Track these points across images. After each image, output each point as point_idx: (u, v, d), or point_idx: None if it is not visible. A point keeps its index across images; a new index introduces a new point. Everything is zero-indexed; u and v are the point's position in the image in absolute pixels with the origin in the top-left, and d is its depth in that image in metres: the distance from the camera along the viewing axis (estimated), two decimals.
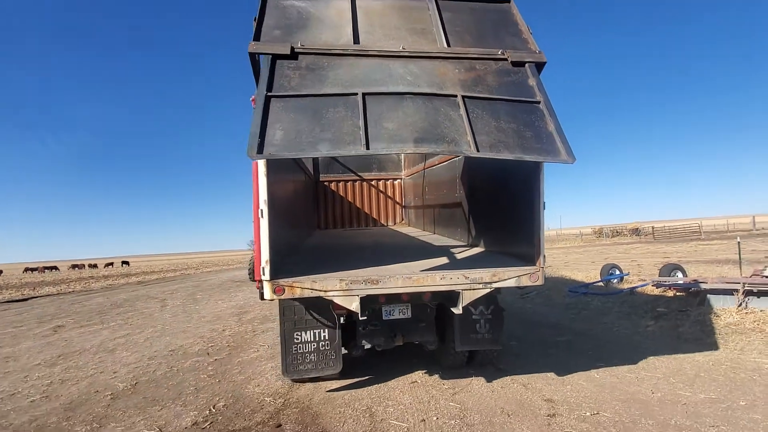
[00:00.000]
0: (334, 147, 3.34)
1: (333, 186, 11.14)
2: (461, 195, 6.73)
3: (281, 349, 4.66)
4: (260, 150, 3.17)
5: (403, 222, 11.61)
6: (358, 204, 11.36)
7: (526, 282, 4.09)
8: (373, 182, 11.45)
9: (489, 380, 4.97)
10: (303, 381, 5.14)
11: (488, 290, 4.01)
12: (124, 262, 68.83)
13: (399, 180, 11.62)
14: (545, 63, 4.40)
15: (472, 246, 6.35)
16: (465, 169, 6.64)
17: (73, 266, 63.84)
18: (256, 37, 3.99)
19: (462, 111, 3.71)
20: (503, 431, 3.77)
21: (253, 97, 4.24)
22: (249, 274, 7.82)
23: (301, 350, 4.63)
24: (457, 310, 4.05)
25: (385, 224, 11.60)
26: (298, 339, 4.62)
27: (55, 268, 60.29)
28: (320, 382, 5.11)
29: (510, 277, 4.04)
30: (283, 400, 4.71)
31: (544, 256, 4.16)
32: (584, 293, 10.44)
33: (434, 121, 3.61)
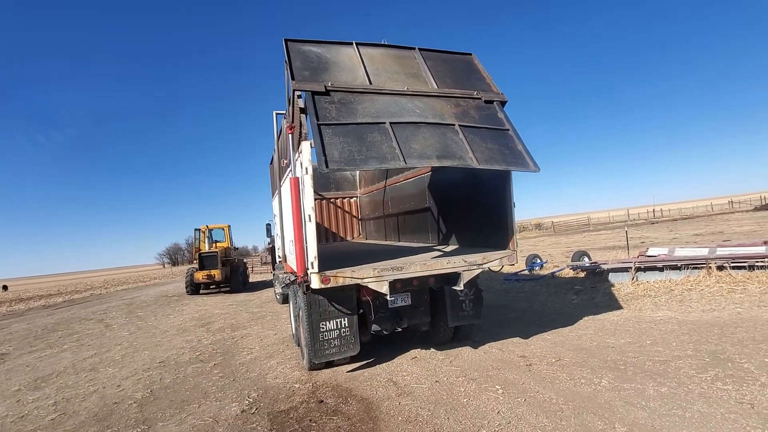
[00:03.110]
0: (381, 162, 4.32)
1: None
2: (431, 203, 7.96)
3: (309, 338, 5.41)
4: (327, 165, 4.04)
5: (360, 236, 12.55)
6: (318, 219, 12.10)
7: (506, 262, 5.41)
8: (332, 200, 12.26)
9: (473, 348, 6.23)
10: (319, 368, 5.90)
11: (481, 270, 5.24)
12: (3, 287, 59.43)
13: (355, 198, 12.56)
14: (506, 101, 5.79)
15: (442, 244, 7.60)
16: (432, 182, 7.89)
17: None
18: (293, 77, 4.78)
19: (461, 136, 4.91)
20: (499, 379, 5.02)
21: (287, 125, 5.01)
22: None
23: (327, 337, 5.43)
24: (458, 287, 5.23)
25: (345, 238, 12.46)
26: (323, 328, 5.42)
27: None
28: (336, 368, 5.92)
29: (496, 258, 5.34)
30: (311, 384, 5.46)
31: (517, 242, 5.52)
32: (516, 280, 12.39)
33: (445, 143, 4.75)
